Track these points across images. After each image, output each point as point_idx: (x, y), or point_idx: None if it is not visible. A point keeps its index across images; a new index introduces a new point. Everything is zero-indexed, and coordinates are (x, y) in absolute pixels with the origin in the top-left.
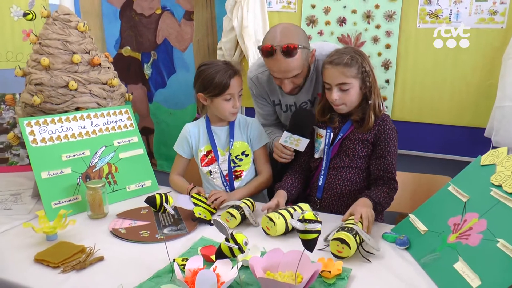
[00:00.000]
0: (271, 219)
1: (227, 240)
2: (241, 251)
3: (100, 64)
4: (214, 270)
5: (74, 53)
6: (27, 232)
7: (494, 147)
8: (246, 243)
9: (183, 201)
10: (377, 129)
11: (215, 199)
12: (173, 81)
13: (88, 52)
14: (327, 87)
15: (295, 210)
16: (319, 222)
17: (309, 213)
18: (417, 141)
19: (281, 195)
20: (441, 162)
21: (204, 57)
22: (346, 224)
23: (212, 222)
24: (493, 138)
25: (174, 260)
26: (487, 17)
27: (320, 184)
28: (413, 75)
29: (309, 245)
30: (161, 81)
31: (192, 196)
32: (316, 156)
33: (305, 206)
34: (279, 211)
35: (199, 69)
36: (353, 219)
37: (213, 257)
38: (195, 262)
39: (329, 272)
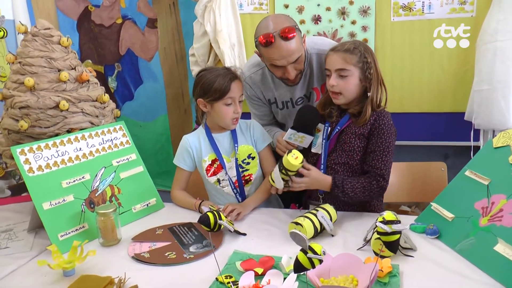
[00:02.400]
0: (297, 223)
1: (304, 252)
2: (321, 261)
3: (88, 80)
4: (268, 284)
5: (60, 70)
6: (38, 270)
7: (475, 130)
8: (324, 252)
9: None
10: (372, 124)
11: (231, 211)
12: (140, 92)
13: (74, 68)
14: (327, 74)
15: (317, 210)
16: (400, 222)
17: (388, 214)
18: (400, 130)
19: None
20: (426, 148)
21: (172, 65)
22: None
23: (289, 235)
24: (474, 121)
25: (216, 279)
26: (458, 7)
27: None
28: (392, 67)
29: (393, 246)
30: (128, 93)
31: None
32: (313, 150)
33: (326, 205)
34: (304, 214)
35: (198, 75)
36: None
37: (257, 270)
38: (247, 278)
39: (381, 270)
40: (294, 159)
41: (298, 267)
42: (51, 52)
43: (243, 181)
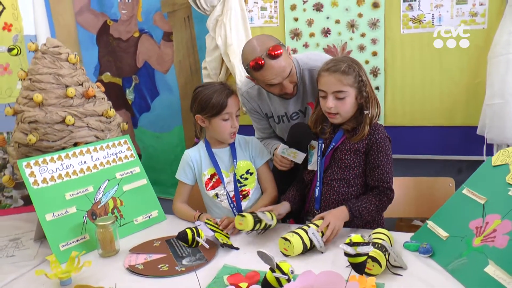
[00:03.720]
0: (286, 239)
1: (272, 270)
2: (289, 280)
3: (95, 96)
4: None
5: (67, 86)
6: (38, 279)
7: (488, 144)
8: (292, 272)
9: (202, 229)
10: (369, 138)
11: (227, 225)
12: (157, 104)
13: (82, 84)
14: (322, 95)
15: (309, 226)
16: (368, 243)
17: (356, 236)
18: (412, 144)
19: (284, 205)
20: (437, 163)
21: (187, 77)
22: (374, 239)
23: (257, 253)
24: (487, 135)
25: None
26: (469, 19)
27: (316, 195)
28: (402, 80)
29: (360, 267)
30: (145, 105)
31: (206, 223)
32: (309, 167)
33: (319, 222)
34: (294, 230)
35: (195, 92)
36: (380, 232)
37: (242, 285)
38: None
39: None
40: (239, 224)
41: (266, 286)
42: (59, 69)
43: (241, 196)
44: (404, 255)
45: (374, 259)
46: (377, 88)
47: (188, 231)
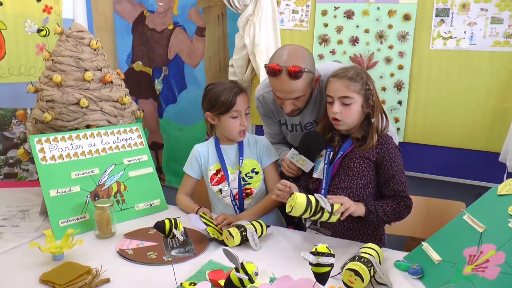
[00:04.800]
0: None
1: (237, 270)
2: (251, 281)
3: (111, 82)
4: None
5: (86, 70)
6: (34, 250)
7: (509, 173)
8: (256, 273)
9: (194, 220)
10: (379, 148)
11: (222, 221)
12: (183, 97)
13: (100, 70)
14: (329, 101)
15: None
16: (332, 255)
17: (322, 246)
18: (430, 163)
19: None
20: (454, 186)
21: (215, 73)
22: (362, 253)
23: (222, 251)
24: (508, 163)
25: (181, 284)
26: (503, 40)
27: None
28: (426, 96)
29: (322, 278)
30: (172, 96)
31: (201, 216)
32: (315, 175)
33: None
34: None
35: (206, 89)
36: (369, 247)
37: (221, 281)
38: (203, 287)
39: None
40: (289, 206)
41: (228, 285)
42: (80, 53)
43: (244, 194)
44: (393, 273)
45: (357, 273)
46: (399, 102)
47: (167, 222)
